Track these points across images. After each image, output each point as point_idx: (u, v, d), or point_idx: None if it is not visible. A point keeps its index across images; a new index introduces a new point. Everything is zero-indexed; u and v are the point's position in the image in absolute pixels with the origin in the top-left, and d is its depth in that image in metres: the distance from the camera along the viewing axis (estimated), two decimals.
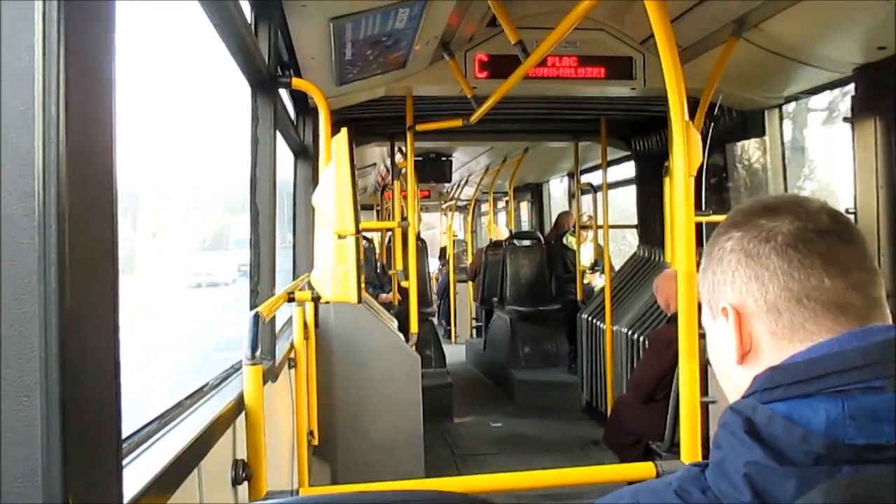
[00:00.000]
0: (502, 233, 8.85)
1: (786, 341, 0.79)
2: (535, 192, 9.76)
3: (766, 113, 4.10)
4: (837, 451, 0.69)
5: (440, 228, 14.18)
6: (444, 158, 7.61)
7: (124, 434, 1.11)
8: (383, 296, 6.59)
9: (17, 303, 0.67)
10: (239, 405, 1.83)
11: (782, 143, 4.09)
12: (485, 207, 11.92)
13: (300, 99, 3.89)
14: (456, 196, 12.16)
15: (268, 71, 2.49)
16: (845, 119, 3.34)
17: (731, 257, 0.82)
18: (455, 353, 8.77)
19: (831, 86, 3.59)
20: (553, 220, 8.32)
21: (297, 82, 2.83)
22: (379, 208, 10.83)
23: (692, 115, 2.22)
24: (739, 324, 0.81)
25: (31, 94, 0.67)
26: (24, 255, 0.67)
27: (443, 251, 12.11)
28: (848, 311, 0.77)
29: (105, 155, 0.77)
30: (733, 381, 0.84)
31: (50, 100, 0.67)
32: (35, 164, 0.67)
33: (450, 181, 9.06)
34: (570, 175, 7.69)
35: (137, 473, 1.15)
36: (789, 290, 0.78)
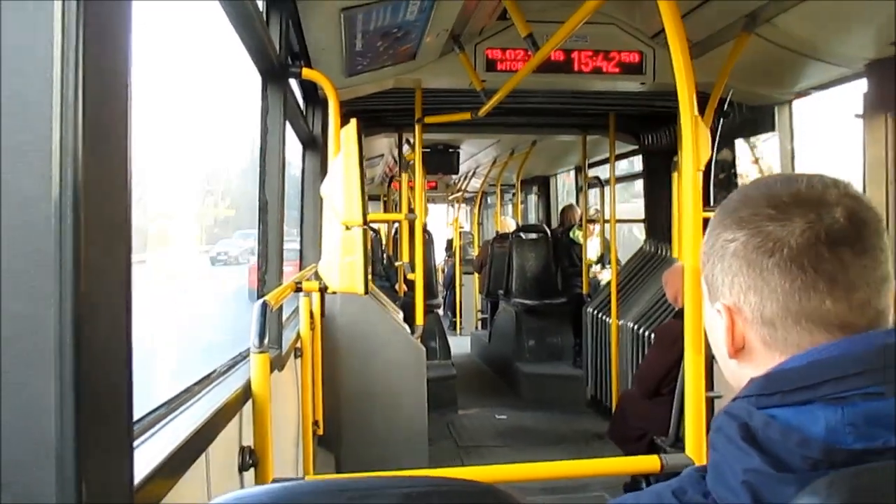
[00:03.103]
0: (509, 225, 8.84)
1: (778, 353, 0.78)
2: (543, 185, 9.73)
3: (776, 108, 4.09)
4: (835, 456, 0.68)
5: (447, 220, 14.14)
6: (451, 150, 7.59)
7: (134, 416, 1.13)
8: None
9: (33, 281, 0.68)
10: (246, 393, 1.84)
11: (792, 138, 4.08)
12: (491, 200, 11.90)
13: (310, 89, 3.89)
14: (463, 188, 12.14)
15: (278, 61, 2.50)
16: (856, 115, 3.33)
17: (732, 261, 0.79)
18: (460, 344, 8.76)
19: (842, 81, 3.57)
20: (559, 213, 8.31)
21: (307, 73, 2.84)
22: (386, 199, 10.84)
23: (702, 110, 2.22)
24: (733, 325, 0.80)
25: (49, 76, 0.68)
26: (41, 236, 0.68)
27: (449, 243, 12.12)
28: (846, 329, 0.76)
29: (120, 138, 0.78)
30: (730, 369, 0.84)
31: (68, 82, 0.68)
32: (52, 146, 0.68)
33: (457, 173, 9.04)
34: (578, 169, 7.68)
35: (147, 456, 1.16)
36: (787, 310, 0.76)
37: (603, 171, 6.25)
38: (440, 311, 8.15)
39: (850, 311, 0.75)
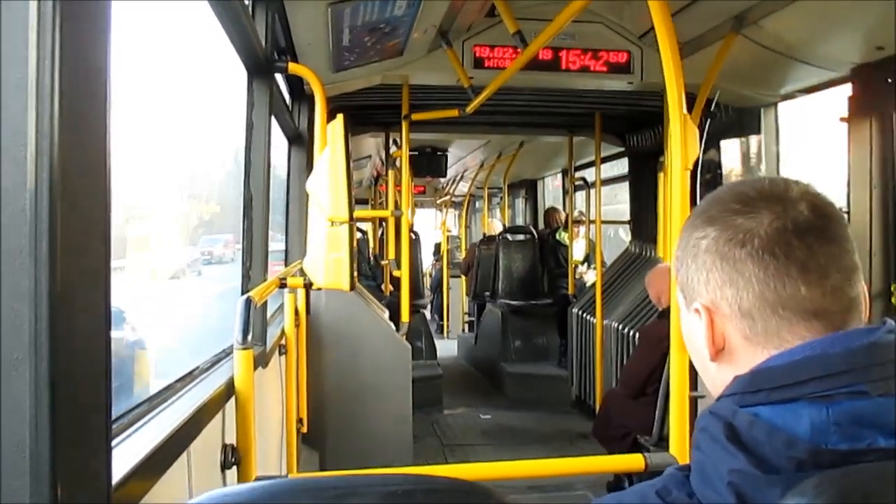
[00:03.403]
0: (495, 227, 8.85)
1: (759, 347, 0.78)
2: (530, 189, 9.77)
3: (762, 110, 4.11)
4: (821, 457, 0.68)
5: (435, 224, 14.14)
6: (439, 153, 7.59)
7: (113, 415, 1.11)
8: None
9: (8, 275, 0.67)
10: (229, 390, 1.82)
11: (777, 140, 4.10)
12: (479, 204, 11.92)
13: (296, 85, 3.87)
14: (451, 192, 12.15)
15: (264, 55, 2.47)
16: (841, 119, 3.35)
17: (705, 258, 0.80)
18: (447, 347, 8.79)
19: (828, 85, 3.59)
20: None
21: (293, 67, 2.82)
22: (373, 203, 10.81)
23: (689, 111, 2.22)
24: (712, 324, 0.80)
25: (25, 65, 0.66)
26: (15, 227, 0.66)
27: (437, 247, 12.12)
28: (823, 317, 0.76)
29: (98, 128, 0.76)
30: (711, 375, 0.83)
31: (44, 71, 0.66)
32: (28, 134, 0.66)
33: (445, 176, 9.04)
34: (565, 172, 7.70)
35: (126, 455, 1.15)
36: (764, 299, 0.77)
37: (589, 174, 6.27)
38: (427, 314, 8.13)
39: (823, 297, 0.76)
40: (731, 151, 4.32)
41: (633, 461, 2.27)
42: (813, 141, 4.48)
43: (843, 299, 0.77)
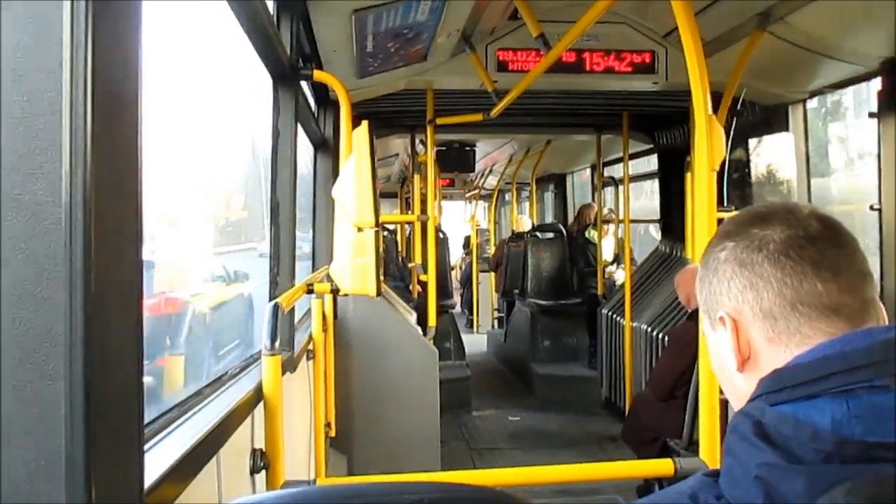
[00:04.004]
0: (524, 224, 8.81)
1: (783, 347, 0.80)
2: (559, 183, 9.70)
3: (789, 108, 4.05)
4: (846, 449, 0.70)
5: (464, 217, 14.10)
6: (467, 148, 7.58)
7: (145, 420, 1.13)
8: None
9: (43, 287, 0.69)
10: (258, 395, 1.84)
11: (806, 138, 4.04)
12: (508, 197, 11.88)
13: (321, 92, 3.90)
14: (480, 185, 12.13)
15: (290, 63, 2.50)
16: (871, 114, 3.29)
17: (725, 267, 0.84)
18: (477, 342, 8.77)
19: (857, 80, 3.54)
20: (576, 211, 8.28)
21: (318, 74, 2.84)
22: (402, 198, 10.82)
23: (715, 110, 2.20)
24: (737, 332, 0.83)
25: (59, 81, 0.68)
26: (50, 240, 0.68)
27: (466, 240, 12.11)
28: (841, 312, 0.79)
29: (131, 141, 0.78)
30: (737, 389, 0.86)
31: (77, 87, 0.68)
32: (62, 151, 0.68)
33: (473, 171, 9.03)
34: (594, 167, 7.66)
35: (158, 459, 1.17)
36: (783, 296, 0.80)
37: (618, 170, 6.22)
38: (457, 310, 8.10)
39: (840, 293, 0.79)
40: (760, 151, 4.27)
41: (662, 466, 2.25)
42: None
43: (859, 297, 0.80)
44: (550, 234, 7.67)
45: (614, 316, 5.77)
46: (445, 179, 10.42)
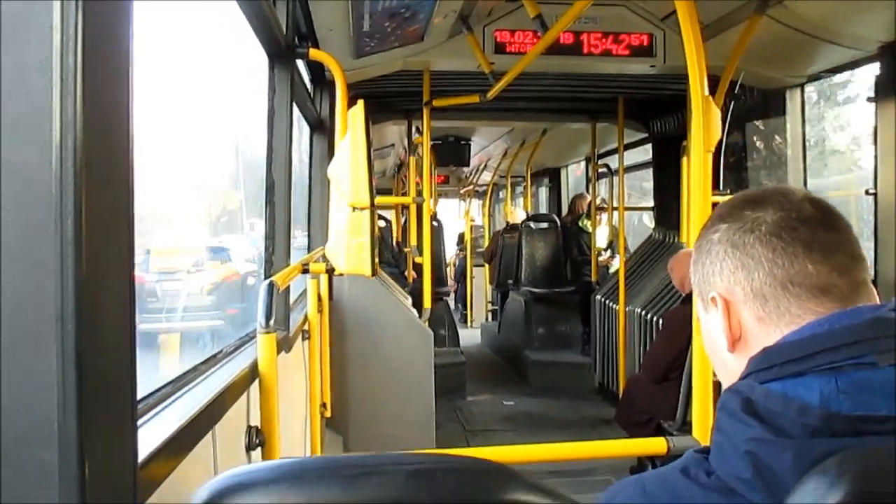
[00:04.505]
0: (518, 215, 8.82)
1: (773, 326, 0.81)
2: (553, 177, 9.72)
3: (787, 92, 4.04)
4: (834, 423, 0.71)
5: (458, 214, 14.12)
6: (462, 142, 7.56)
7: (139, 395, 1.12)
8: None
9: (34, 253, 0.68)
10: (253, 373, 1.84)
11: (803, 122, 4.03)
12: (502, 193, 11.88)
13: (317, 72, 3.88)
14: (474, 181, 12.13)
15: (285, 41, 2.48)
16: (868, 99, 3.29)
17: (717, 248, 0.85)
18: (471, 336, 8.82)
19: (855, 65, 3.53)
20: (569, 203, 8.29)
21: (314, 53, 2.82)
22: (397, 193, 10.80)
23: (712, 93, 2.19)
24: (728, 312, 0.84)
25: (49, 45, 0.67)
26: (41, 205, 0.67)
27: (460, 236, 12.12)
28: (832, 293, 0.80)
29: (122, 108, 0.77)
30: (728, 369, 0.87)
31: (68, 50, 0.67)
32: (53, 115, 0.67)
33: (468, 165, 9.02)
34: (588, 159, 7.66)
35: (153, 433, 1.16)
36: (774, 276, 0.81)
37: (612, 161, 6.22)
38: (451, 303, 8.12)
39: (830, 274, 0.80)
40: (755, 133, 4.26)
41: (655, 444, 2.27)
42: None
43: (850, 279, 0.81)
44: (545, 224, 7.68)
45: (608, 301, 5.79)
46: (440, 177, 10.41)
